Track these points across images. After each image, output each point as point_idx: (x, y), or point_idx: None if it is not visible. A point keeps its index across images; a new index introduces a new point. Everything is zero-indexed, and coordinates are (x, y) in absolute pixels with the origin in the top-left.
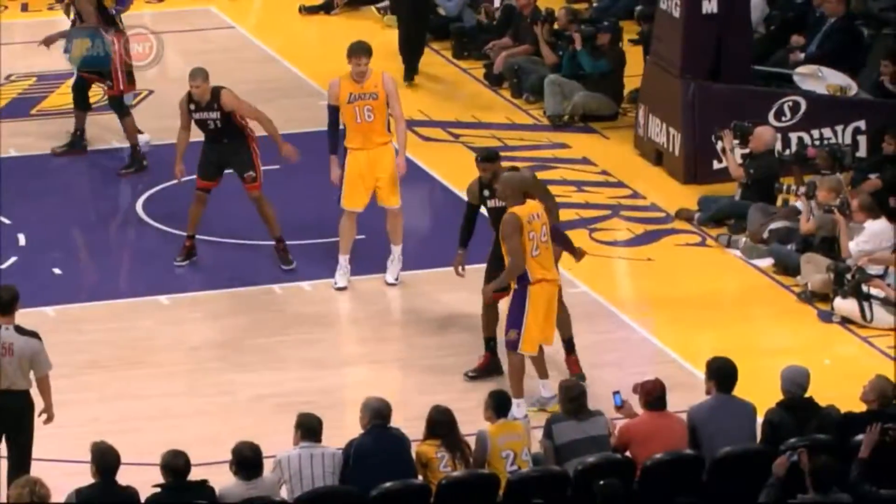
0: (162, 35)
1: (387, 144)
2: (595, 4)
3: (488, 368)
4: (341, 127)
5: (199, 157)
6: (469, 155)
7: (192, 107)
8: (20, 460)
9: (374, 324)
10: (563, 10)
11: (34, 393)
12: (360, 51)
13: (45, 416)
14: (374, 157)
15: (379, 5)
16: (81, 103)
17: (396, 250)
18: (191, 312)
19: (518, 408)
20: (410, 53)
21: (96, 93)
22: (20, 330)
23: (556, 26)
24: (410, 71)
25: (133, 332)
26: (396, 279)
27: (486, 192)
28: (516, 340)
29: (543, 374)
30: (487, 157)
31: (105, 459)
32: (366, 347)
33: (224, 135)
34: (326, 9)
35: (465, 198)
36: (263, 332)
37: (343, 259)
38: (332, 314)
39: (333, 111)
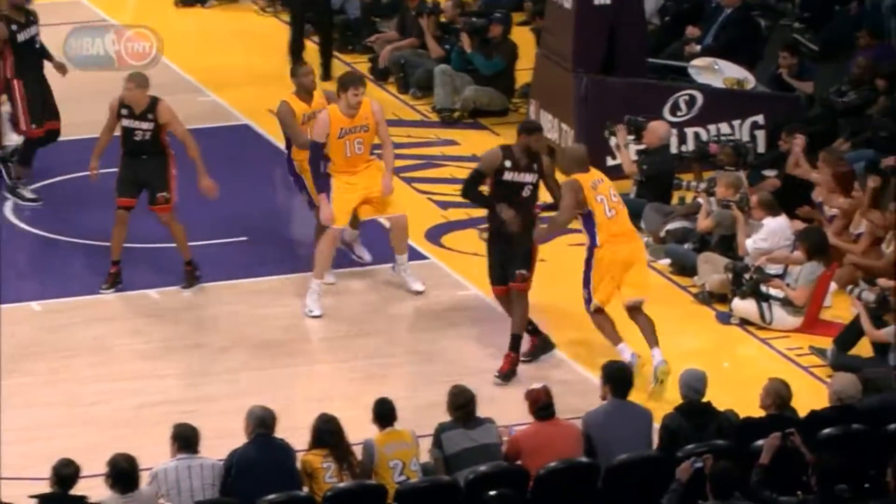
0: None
1: (370, 163)
2: None
3: (539, 347)
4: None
5: (117, 173)
6: None
7: (125, 111)
8: None
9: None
10: (450, 1)
11: None
12: (357, 81)
13: None
14: (361, 177)
15: None
16: None
17: (403, 259)
18: (69, 318)
19: (624, 351)
20: (324, 52)
21: None
22: None
23: (442, 18)
24: (325, 70)
25: (8, 339)
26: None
27: (508, 164)
28: (588, 299)
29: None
30: (533, 129)
31: None
32: (254, 354)
33: (146, 150)
34: (202, 0)
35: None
36: (144, 339)
37: (317, 284)
38: (217, 318)
39: (318, 147)
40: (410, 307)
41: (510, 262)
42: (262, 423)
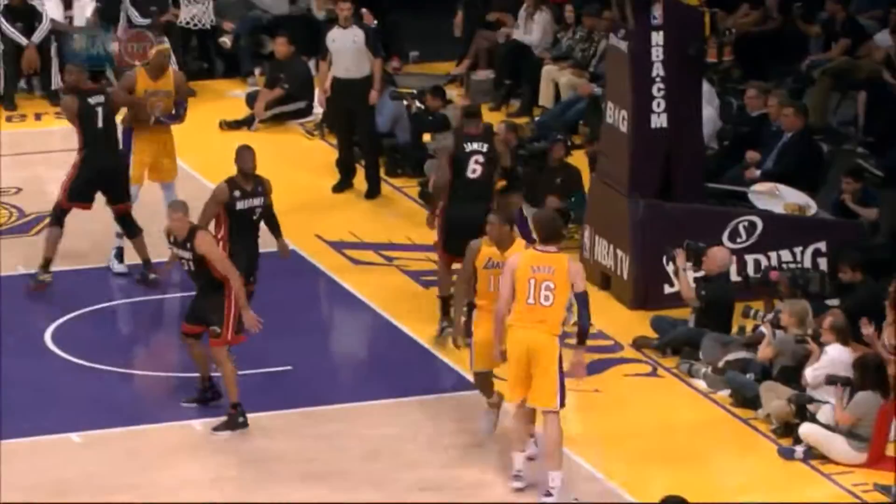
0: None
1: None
2: (537, 118)
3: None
4: None
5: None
6: (404, 278)
7: (171, 238)
8: None
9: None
10: (503, 124)
11: None
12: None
13: None
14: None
15: (303, 121)
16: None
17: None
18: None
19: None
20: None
21: None
22: None
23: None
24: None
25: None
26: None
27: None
28: None
29: None
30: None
31: None
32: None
33: (195, 280)
34: (248, 124)
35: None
36: None
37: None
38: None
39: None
40: None
41: None
42: None
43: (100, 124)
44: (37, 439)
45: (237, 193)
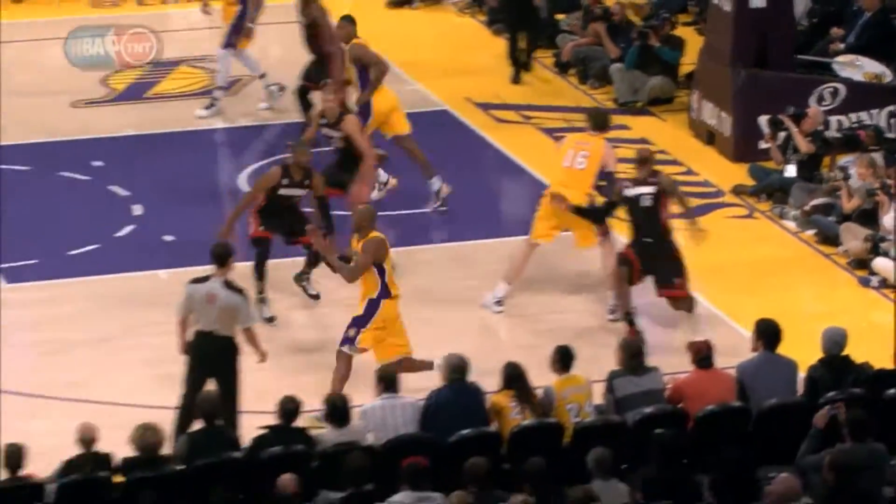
0: (253, 27)
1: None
2: None
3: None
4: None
5: None
6: (539, 135)
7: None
8: (225, 397)
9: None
10: (617, 4)
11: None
12: None
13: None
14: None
15: (454, 1)
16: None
17: None
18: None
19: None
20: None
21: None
22: (227, 285)
23: (614, 19)
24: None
25: None
26: None
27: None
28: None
29: None
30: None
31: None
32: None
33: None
34: (409, 3)
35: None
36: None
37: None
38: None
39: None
40: (575, 273)
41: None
42: (457, 369)
43: None
44: None
45: (285, 181)
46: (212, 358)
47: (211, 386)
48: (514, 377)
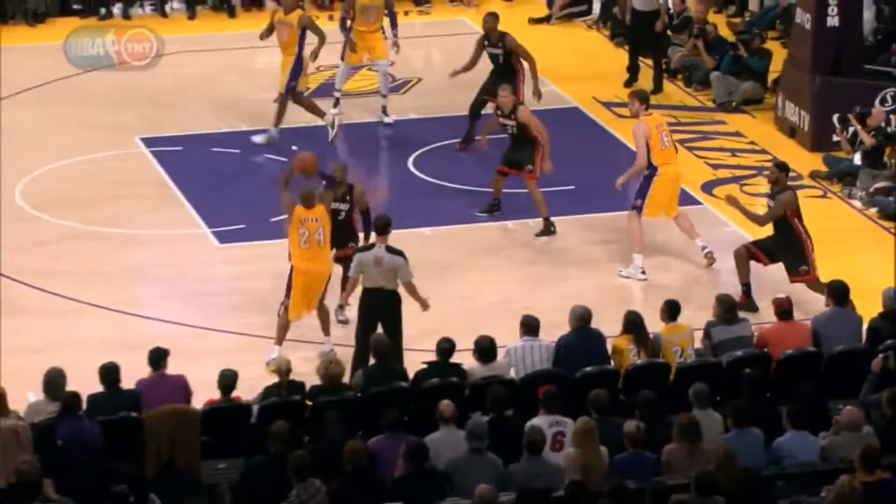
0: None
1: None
2: (747, 19)
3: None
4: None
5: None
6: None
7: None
8: (392, 339)
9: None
10: (711, 24)
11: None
12: None
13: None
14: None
15: (584, 18)
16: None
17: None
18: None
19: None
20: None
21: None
22: (390, 249)
23: (709, 37)
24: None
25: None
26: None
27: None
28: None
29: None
30: None
31: None
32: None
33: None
34: (547, 20)
35: None
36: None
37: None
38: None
39: None
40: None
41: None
42: (581, 318)
43: None
44: None
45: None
46: (380, 308)
47: (379, 331)
48: (633, 324)
